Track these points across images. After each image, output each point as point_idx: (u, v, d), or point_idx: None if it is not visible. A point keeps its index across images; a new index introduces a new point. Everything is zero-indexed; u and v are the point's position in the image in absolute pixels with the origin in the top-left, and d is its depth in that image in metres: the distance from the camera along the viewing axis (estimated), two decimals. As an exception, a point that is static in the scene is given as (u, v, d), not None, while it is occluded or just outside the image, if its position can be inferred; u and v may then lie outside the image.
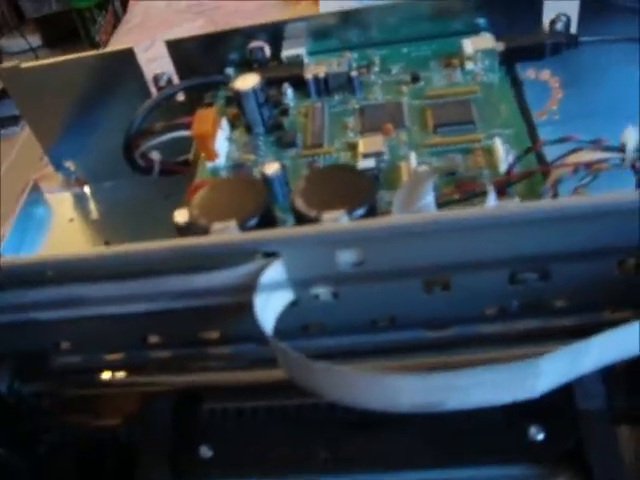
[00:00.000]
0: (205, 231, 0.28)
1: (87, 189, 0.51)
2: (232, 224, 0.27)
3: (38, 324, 0.28)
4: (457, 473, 0.27)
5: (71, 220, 0.50)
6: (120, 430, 0.29)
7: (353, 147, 0.36)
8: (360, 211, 0.27)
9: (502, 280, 0.26)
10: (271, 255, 0.24)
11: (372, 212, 0.27)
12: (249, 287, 0.24)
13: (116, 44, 0.75)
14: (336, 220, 0.26)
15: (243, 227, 0.27)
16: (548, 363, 0.21)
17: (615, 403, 0.27)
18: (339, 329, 0.27)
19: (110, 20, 1.16)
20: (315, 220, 0.27)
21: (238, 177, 0.33)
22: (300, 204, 0.27)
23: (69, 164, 0.50)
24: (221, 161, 0.37)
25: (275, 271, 0.24)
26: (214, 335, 0.28)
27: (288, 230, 0.24)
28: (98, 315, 0.27)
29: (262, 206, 0.28)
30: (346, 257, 0.24)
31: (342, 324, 0.27)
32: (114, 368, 0.30)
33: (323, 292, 0.26)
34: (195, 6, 0.72)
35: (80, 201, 0.50)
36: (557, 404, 0.26)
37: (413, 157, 0.34)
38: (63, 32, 1.19)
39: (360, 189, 0.27)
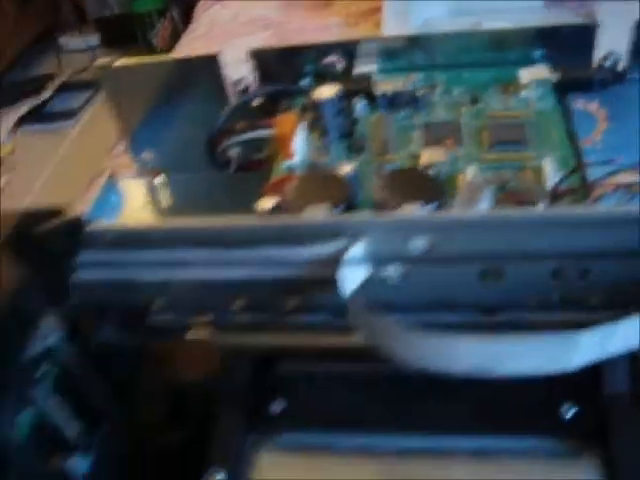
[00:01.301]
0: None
1: (160, 180, 0.57)
2: (323, 207, 0.33)
3: (138, 283, 0.34)
4: (493, 441, 0.32)
5: (142, 208, 0.56)
6: (202, 384, 0.35)
7: (416, 158, 0.42)
8: (433, 206, 0.32)
9: (546, 275, 0.31)
10: (354, 236, 0.30)
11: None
12: (334, 262, 0.30)
13: (182, 50, 0.82)
14: (413, 211, 0.32)
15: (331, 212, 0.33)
16: (585, 337, 0.26)
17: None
18: (404, 309, 0.33)
19: (167, 27, 1.23)
20: (395, 209, 0.32)
21: (327, 172, 0.39)
22: (382, 195, 0.33)
23: (146, 155, 0.56)
24: (297, 160, 0.43)
25: (357, 250, 0.30)
26: (293, 304, 0.34)
27: (372, 215, 0.29)
28: (193, 279, 0.33)
29: (348, 196, 0.34)
30: (418, 243, 0.30)
31: (407, 304, 0.32)
32: (200, 327, 0.35)
33: (393, 274, 0.32)
34: (260, 20, 0.78)
35: (152, 191, 0.56)
36: (587, 386, 0.31)
37: (471, 169, 0.40)
38: (121, 34, 1.26)
39: (434, 188, 0.33)
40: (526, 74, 0.46)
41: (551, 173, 0.39)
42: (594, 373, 0.31)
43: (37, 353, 0.28)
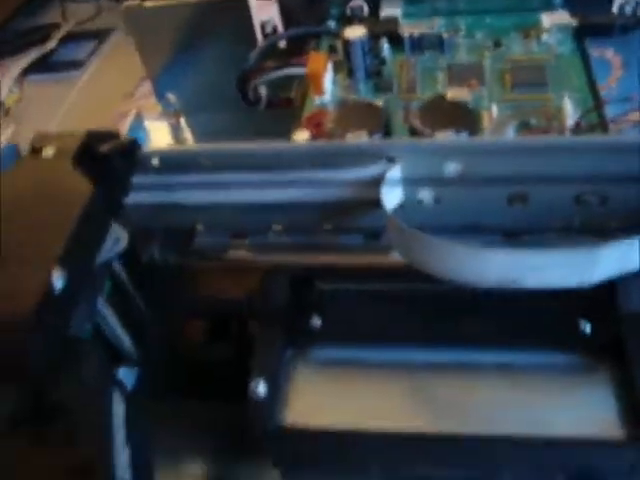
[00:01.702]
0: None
1: (183, 121, 0.59)
2: (363, 133, 0.35)
3: (182, 206, 0.37)
4: (516, 356, 0.35)
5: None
6: (242, 304, 0.38)
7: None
8: (465, 134, 0.35)
9: (569, 199, 0.34)
10: (392, 160, 0.33)
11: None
12: (373, 184, 0.33)
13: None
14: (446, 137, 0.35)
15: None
16: (605, 251, 0.29)
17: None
18: (436, 232, 0.36)
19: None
20: (429, 136, 0.35)
21: (364, 102, 0.42)
22: (417, 123, 0.36)
23: (170, 96, 0.58)
24: (327, 97, 0.45)
25: (396, 172, 0.33)
26: (331, 225, 0.37)
27: (411, 139, 0.32)
28: (234, 202, 0.36)
29: (384, 124, 0.37)
30: (451, 167, 0.33)
31: (439, 227, 0.35)
32: (241, 247, 0.38)
33: (427, 197, 0.35)
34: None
35: (177, 131, 0.59)
36: (603, 303, 0.35)
37: (494, 108, 0.43)
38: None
39: (466, 117, 0.36)
40: (547, 19, 0.48)
41: (570, 112, 0.42)
42: (609, 291, 0.34)
43: (101, 264, 0.31)
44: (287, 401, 0.34)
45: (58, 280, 0.26)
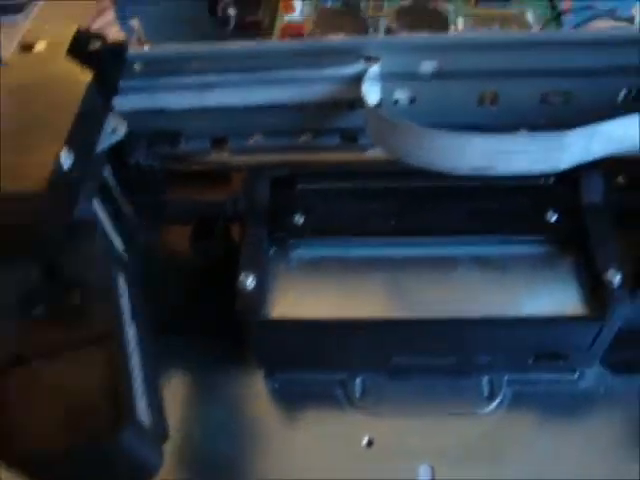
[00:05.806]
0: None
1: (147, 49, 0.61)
2: (341, 35, 0.38)
3: (166, 111, 0.39)
4: (490, 248, 0.39)
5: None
6: (225, 204, 0.40)
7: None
8: (439, 34, 0.38)
9: (535, 98, 0.37)
10: (371, 59, 0.35)
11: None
12: (355, 81, 0.36)
13: None
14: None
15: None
16: (571, 137, 0.32)
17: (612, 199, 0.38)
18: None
19: None
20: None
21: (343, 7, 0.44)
22: (393, 25, 0.39)
23: (134, 23, 0.60)
24: (296, 15, 0.48)
25: (376, 70, 0.35)
26: (310, 126, 0.39)
27: (388, 37, 0.35)
28: (217, 105, 0.38)
29: (364, 28, 0.39)
30: (427, 64, 0.36)
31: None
32: (224, 151, 0.40)
33: (403, 97, 0.37)
34: None
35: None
36: (568, 195, 0.38)
37: (460, 22, 0.46)
38: None
39: (438, 22, 0.39)
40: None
41: (533, 25, 0.46)
42: (573, 184, 0.38)
43: (101, 152, 0.33)
44: (272, 296, 0.37)
45: (66, 159, 0.28)
